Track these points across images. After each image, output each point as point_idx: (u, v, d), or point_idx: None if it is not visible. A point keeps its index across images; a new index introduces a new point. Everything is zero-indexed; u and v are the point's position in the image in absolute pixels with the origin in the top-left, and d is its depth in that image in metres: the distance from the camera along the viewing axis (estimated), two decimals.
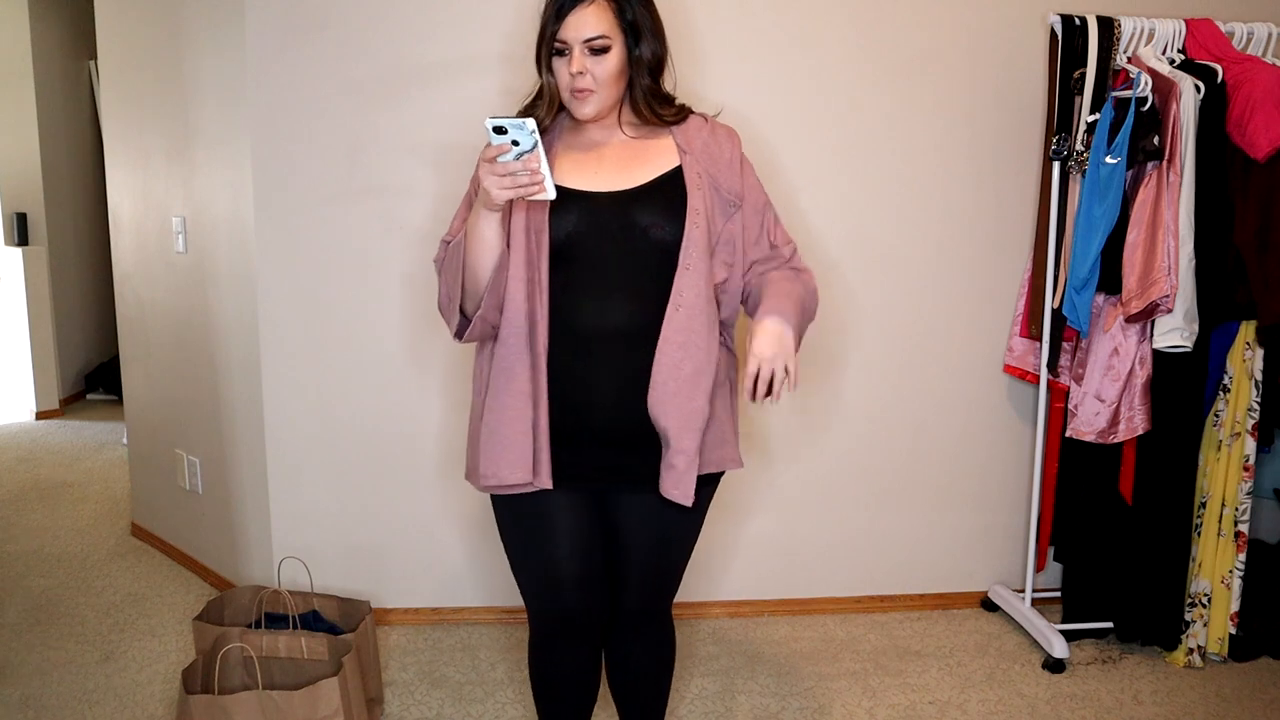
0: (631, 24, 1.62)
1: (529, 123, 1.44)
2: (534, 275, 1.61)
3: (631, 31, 1.62)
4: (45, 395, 5.20)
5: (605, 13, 1.60)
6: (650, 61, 1.66)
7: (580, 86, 1.62)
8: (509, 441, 1.61)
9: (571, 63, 1.61)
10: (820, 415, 2.91)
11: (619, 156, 1.68)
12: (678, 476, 1.62)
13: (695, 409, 1.61)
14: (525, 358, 1.61)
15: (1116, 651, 2.75)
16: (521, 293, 1.60)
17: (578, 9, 1.60)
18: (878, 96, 2.79)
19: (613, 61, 1.61)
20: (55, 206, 5.26)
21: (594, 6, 1.60)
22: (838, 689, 2.54)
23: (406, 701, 2.45)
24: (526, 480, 1.62)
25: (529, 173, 1.47)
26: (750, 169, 1.75)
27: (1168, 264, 2.42)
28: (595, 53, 1.60)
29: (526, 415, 1.61)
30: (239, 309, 2.81)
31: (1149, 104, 2.48)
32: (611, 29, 1.60)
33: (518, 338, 1.61)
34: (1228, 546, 2.63)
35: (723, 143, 1.72)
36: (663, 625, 1.90)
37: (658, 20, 1.67)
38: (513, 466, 1.61)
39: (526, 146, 1.45)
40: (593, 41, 1.60)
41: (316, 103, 2.64)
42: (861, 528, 2.98)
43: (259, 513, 2.85)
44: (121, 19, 3.23)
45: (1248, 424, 2.59)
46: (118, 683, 2.51)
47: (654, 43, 1.66)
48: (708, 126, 1.73)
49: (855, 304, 2.87)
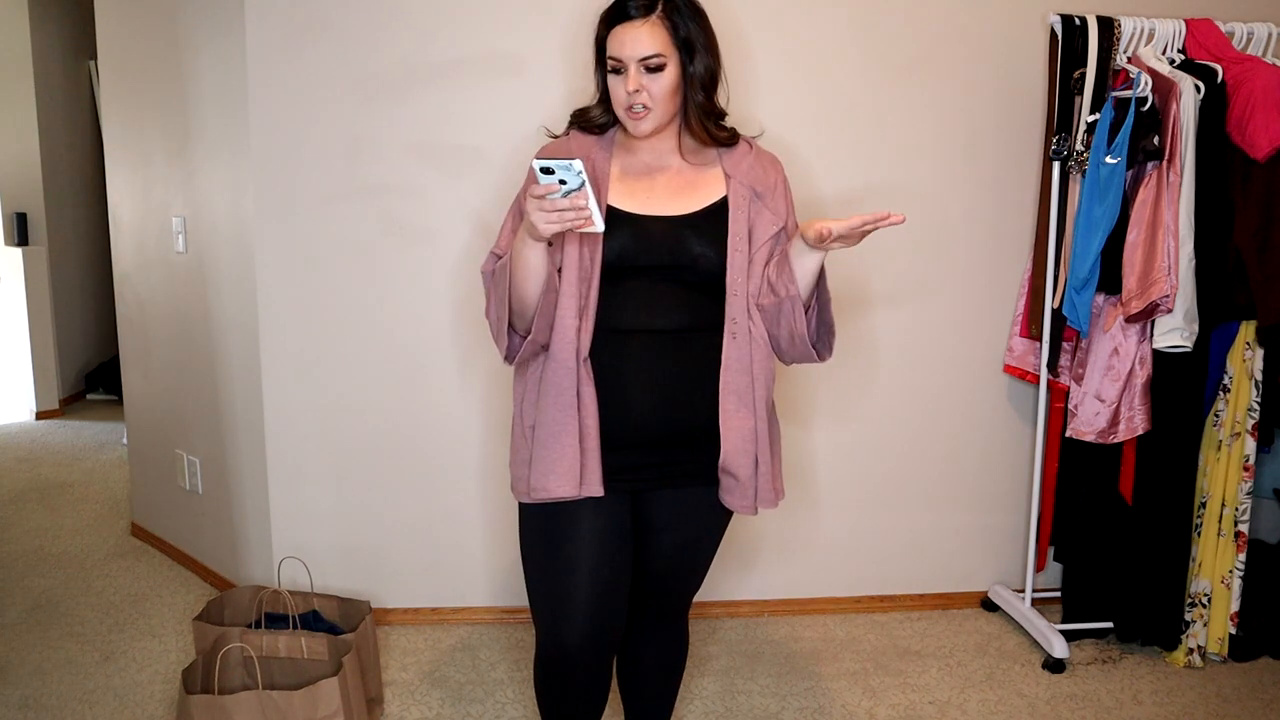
0: (685, 40, 1.61)
1: (576, 163, 1.45)
2: (585, 291, 1.62)
3: (686, 48, 1.61)
4: (45, 395, 5.20)
5: (660, 30, 1.60)
6: (704, 77, 1.65)
7: (636, 104, 1.62)
8: (559, 455, 1.62)
9: (628, 81, 1.61)
10: (820, 415, 2.91)
11: (672, 182, 1.69)
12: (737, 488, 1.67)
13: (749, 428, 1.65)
14: (574, 372, 1.62)
15: (1116, 651, 2.75)
16: (573, 309, 1.61)
17: (632, 26, 1.59)
18: (877, 96, 2.79)
19: (668, 79, 1.61)
20: (55, 206, 5.26)
21: (648, 24, 1.59)
22: (838, 689, 2.54)
23: (406, 701, 2.45)
24: (575, 494, 1.62)
25: (576, 209, 1.48)
26: (790, 195, 1.76)
27: (1168, 264, 2.42)
28: (650, 71, 1.60)
29: (574, 429, 1.61)
30: (239, 309, 2.81)
31: (1149, 104, 2.48)
32: (666, 46, 1.60)
33: (567, 353, 1.61)
34: (1228, 546, 2.63)
35: (768, 168, 1.73)
36: (679, 627, 1.91)
37: (712, 35, 1.66)
38: (561, 480, 1.62)
39: (574, 185, 1.46)
40: (648, 60, 1.59)
41: (316, 103, 2.64)
42: (861, 528, 2.98)
43: (259, 513, 2.85)
44: (121, 19, 3.23)
45: (1248, 424, 2.59)
46: (118, 683, 2.51)
47: (707, 58, 1.65)
48: (752, 153, 1.74)
49: (855, 304, 2.87)
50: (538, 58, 2.66)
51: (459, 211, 2.70)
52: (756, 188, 1.69)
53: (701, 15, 1.65)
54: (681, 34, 1.61)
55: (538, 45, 2.66)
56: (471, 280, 2.69)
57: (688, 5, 1.63)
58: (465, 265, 2.71)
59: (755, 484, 1.68)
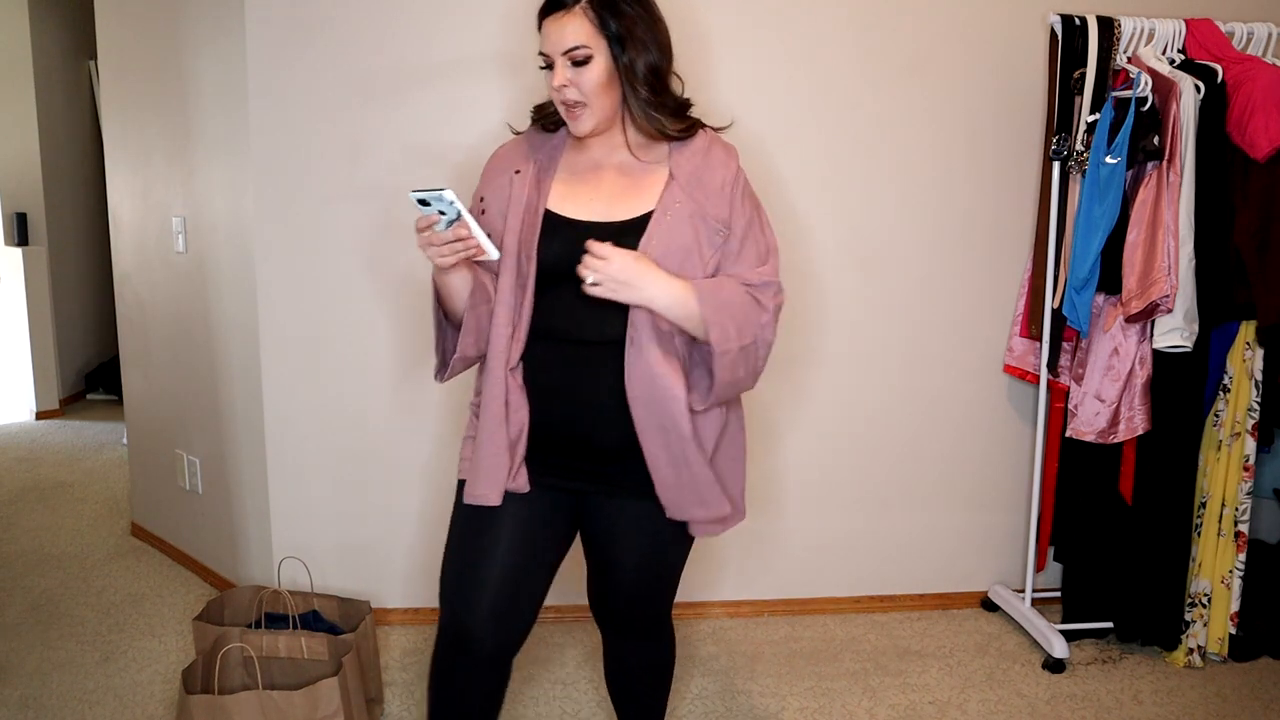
0: (615, 31, 1.55)
1: (447, 193, 1.43)
2: (520, 299, 1.59)
3: (616, 39, 1.55)
4: (45, 395, 5.20)
5: (584, 21, 1.54)
6: (646, 72, 1.58)
7: (566, 99, 1.57)
8: (490, 465, 1.60)
9: (555, 75, 1.57)
10: (820, 415, 2.91)
11: (615, 184, 1.63)
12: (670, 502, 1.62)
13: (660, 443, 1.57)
14: (503, 381, 1.59)
15: (1116, 651, 2.75)
16: (506, 318, 1.58)
17: (557, 19, 1.55)
18: (877, 96, 2.79)
19: (596, 72, 1.55)
20: (55, 206, 5.26)
21: (572, 16, 1.54)
22: (838, 689, 2.54)
23: (406, 701, 2.45)
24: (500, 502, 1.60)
25: (461, 241, 1.47)
26: (743, 191, 1.65)
27: (1168, 264, 2.42)
28: (577, 64, 1.55)
29: (503, 439, 1.59)
30: (239, 309, 2.81)
31: (1149, 104, 2.48)
32: (591, 37, 1.54)
33: (498, 362, 1.59)
34: (1228, 546, 2.63)
35: (716, 166, 1.63)
36: (661, 631, 1.87)
37: (654, 27, 1.59)
38: (489, 489, 1.60)
39: (452, 215, 1.45)
40: (573, 52, 1.54)
41: (316, 103, 2.64)
42: (861, 528, 2.98)
43: (259, 513, 2.85)
44: (121, 19, 3.23)
45: (1248, 424, 2.59)
46: (118, 683, 2.51)
47: (649, 52, 1.57)
48: (705, 148, 1.64)
49: (855, 304, 2.87)
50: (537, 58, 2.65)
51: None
52: (697, 191, 1.59)
53: (640, 3, 1.58)
54: (610, 24, 1.54)
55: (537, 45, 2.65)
56: None
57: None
58: None
59: (681, 499, 1.61)
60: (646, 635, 1.86)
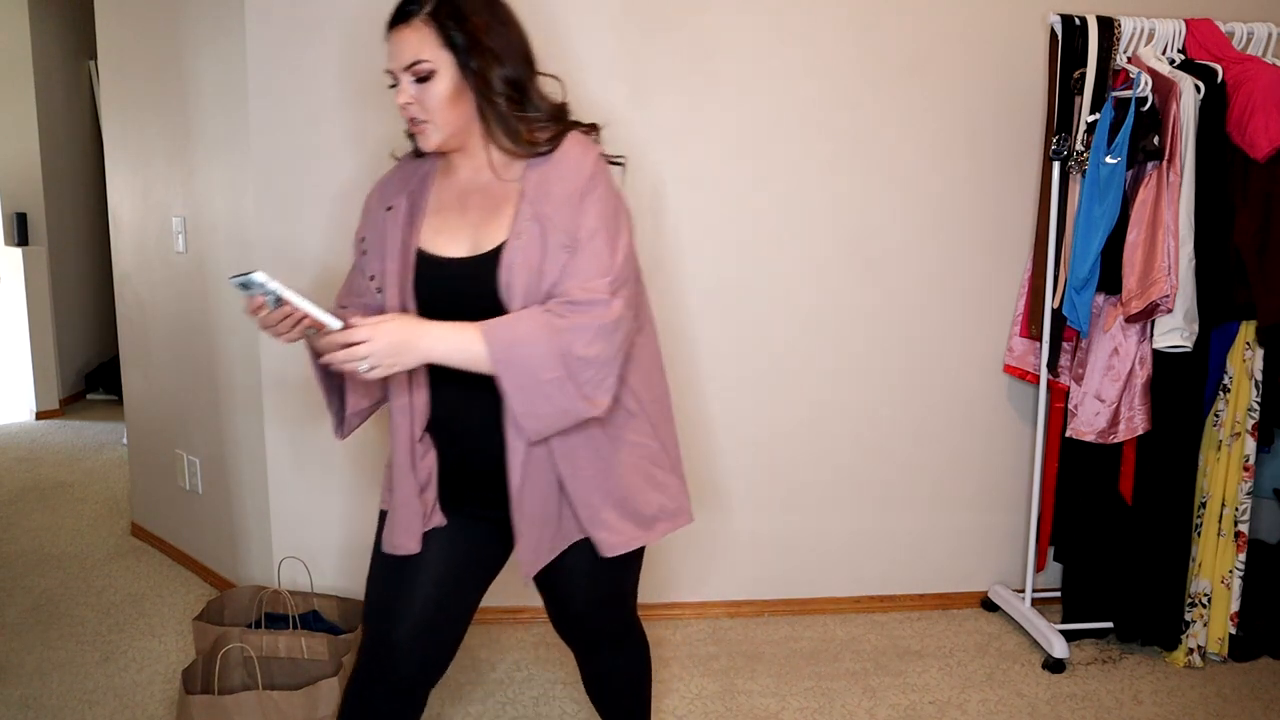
0: (460, 43, 1.45)
1: (257, 275, 1.39)
2: None
3: (462, 51, 1.45)
4: (45, 395, 5.20)
5: (425, 34, 1.45)
6: (501, 84, 1.48)
7: (411, 118, 1.49)
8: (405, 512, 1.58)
9: (398, 92, 1.48)
10: (820, 415, 2.91)
11: (480, 210, 1.53)
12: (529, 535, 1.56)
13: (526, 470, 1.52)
14: (404, 427, 1.56)
15: (1116, 651, 2.75)
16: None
17: (397, 32, 1.47)
18: (877, 96, 2.79)
19: (440, 87, 1.46)
20: (55, 206, 5.27)
21: (411, 29, 1.45)
22: (838, 689, 2.54)
23: None
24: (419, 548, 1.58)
25: (293, 320, 1.43)
26: (597, 196, 1.50)
27: (1168, 264, 2.42)
28: (420, 80, 1.46)
29: (414, 483, 1.57)
30: (239, 309, 2.80)
31: (1149, 104, 2.48)
32: (433, 51, 1.45)
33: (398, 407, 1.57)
34: (1228, 546, 2.63)
35: (567, 173, 1.50)
36: (628, 637, 1.82)
37: (506, 33, 1.50)
38: (407, 540, 1.58)
39: (275, 293, 1.41)
40: (414, 67, 1.46)
41: (316, 103, 2.64)
42: (861, 528, 2.98)
43: (259, 513, 2.85)
44: (121, 19, 3.23)
45: (1248, 424, 2.59)
46: (118, 683, 2.51)
47: (503, 63, 1.48)
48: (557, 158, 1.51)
49: (855, 304, 2.87)
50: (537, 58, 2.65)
51: None
52: (545, 204, 1.48)
53: (489, 11, 1.49)
54: (454, 36, 1.45)
55: (537, 45, 2.64)
56: None
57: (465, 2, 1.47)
58: None
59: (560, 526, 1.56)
60: (615, 646, 1.81)
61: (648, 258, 2.77)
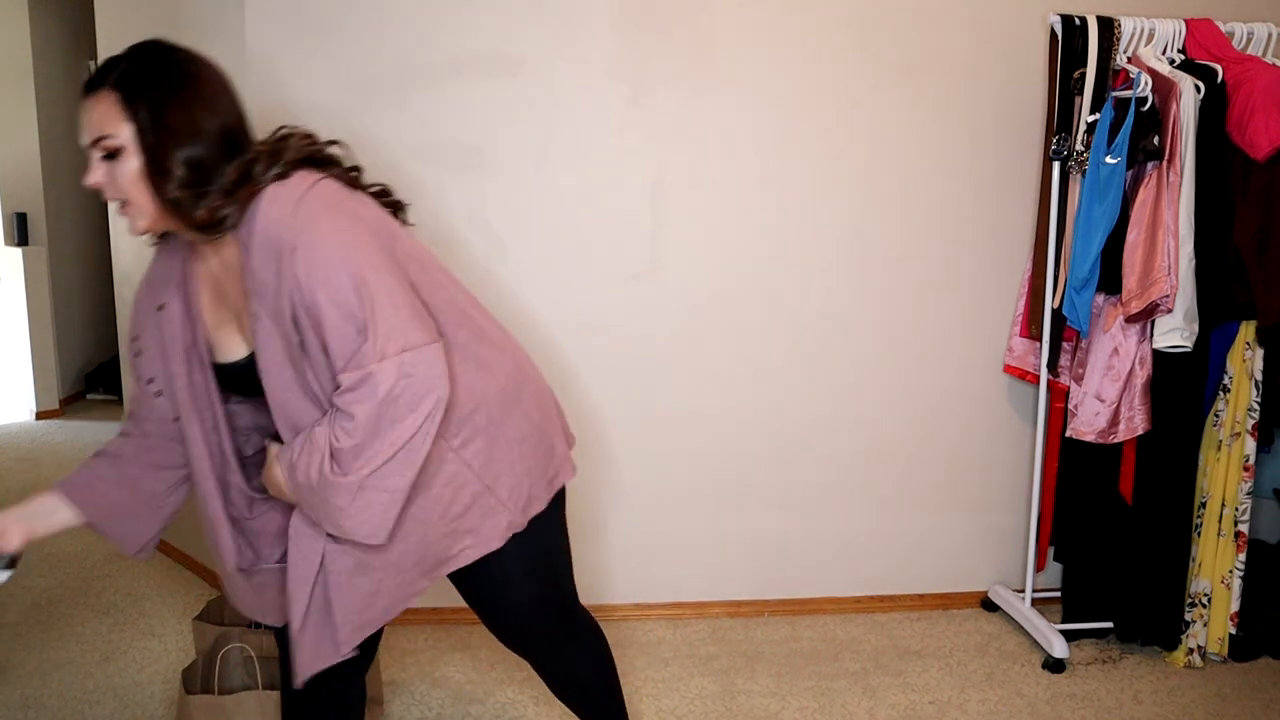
0: (148, 121, 1.29)
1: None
2: (219, 442, 1.50)
3: (150, 130, 1.29)
4: (45, 395, 5.20)
5: (111, 105, 1.28)
6: (181, 166, 1.29)
7: (110, 199, 1.33)
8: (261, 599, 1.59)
9: (89, 173, 1.31)
10: (820, 415, 2.91)
11: (236, 295, 1.41)
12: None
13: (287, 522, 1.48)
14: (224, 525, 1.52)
15: (1116, 651, 2.75)
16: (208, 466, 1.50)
17: (85, 105, 1.30)
18: (878, 96, 2.79)
19: (131, 166, 1.29)
20: (55, 206, 5.26)
21: (98, 100, 1.29)
22: (838, 689, 2.54)
23: (406, 701, 2.45)
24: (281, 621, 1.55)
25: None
26: (300, 257, 1.28)
27: (1168, 264, 2.42)
28: (108, 157, 1.30)
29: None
30: None
31: (1149, 104, 2.48)
32: (120, 125, 1.28)
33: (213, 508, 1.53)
34: (1228, 546, 2.63)
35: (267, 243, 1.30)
36: (572, 637, 1.74)
37: (197, 108, 1.31)
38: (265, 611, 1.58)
39: None
40: (100, 143, 1.29)
41: (316, 103, 2.64)
42: (861, 528, 2.98)
43: None
44: (121, 19, 3.23)
45: (1248, 424, 2.59)
46: (118, 683, 2.51)
47: (185, 144, 1.29)
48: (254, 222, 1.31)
49: (855, 304, 2.87)
50: (538, 58, 2.66)
51: (458, 211, 2.70)
52: (267, 295, 1.31)
53: (182, 82, 1.31)
54: (139, 111, 1.28)
55: (537, 45, 2.66)
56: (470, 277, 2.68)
57: (156, 66, 1.31)
58: (464, 265, 2.70)
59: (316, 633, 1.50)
60: (563, 647, 1.74)
61: (648, 258, 2.78)
